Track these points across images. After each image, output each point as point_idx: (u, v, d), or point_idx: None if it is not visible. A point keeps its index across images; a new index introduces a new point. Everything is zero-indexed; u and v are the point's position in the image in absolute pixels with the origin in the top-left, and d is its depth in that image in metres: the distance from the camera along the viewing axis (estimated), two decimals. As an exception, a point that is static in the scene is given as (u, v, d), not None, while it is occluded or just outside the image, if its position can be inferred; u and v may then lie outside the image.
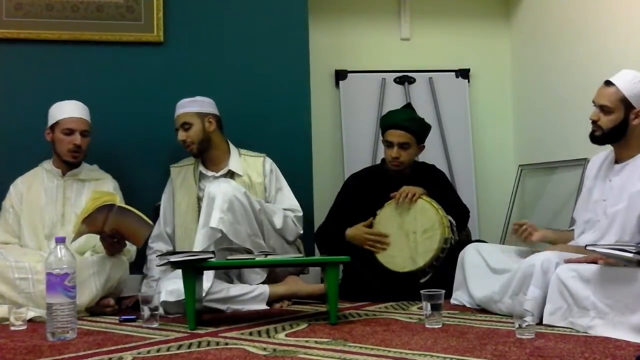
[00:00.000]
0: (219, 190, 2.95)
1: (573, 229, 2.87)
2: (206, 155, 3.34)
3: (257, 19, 3.77)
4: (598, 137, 2.70)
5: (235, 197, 2.96)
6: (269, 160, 3.39)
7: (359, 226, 3.27)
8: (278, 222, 3.18)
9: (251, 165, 3.35)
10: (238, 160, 3.35)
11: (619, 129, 2.63)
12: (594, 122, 2.68)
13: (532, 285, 2.47)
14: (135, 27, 3.61)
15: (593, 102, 2.71)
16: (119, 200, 2.95)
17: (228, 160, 3.34)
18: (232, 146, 3.40)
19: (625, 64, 3.24)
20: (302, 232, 3.33)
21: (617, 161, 2.71)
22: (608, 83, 2.67)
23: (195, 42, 3.70)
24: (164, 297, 2.81)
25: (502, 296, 2.65)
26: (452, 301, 2.98)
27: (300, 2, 3.80)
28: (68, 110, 3.20)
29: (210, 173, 3.33)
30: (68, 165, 3.23)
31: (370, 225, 3.27)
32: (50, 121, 3.21)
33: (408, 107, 3.61)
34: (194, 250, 2.90)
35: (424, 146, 3.46)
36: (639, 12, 3.20)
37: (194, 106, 3.30)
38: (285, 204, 3.32)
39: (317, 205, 3.78)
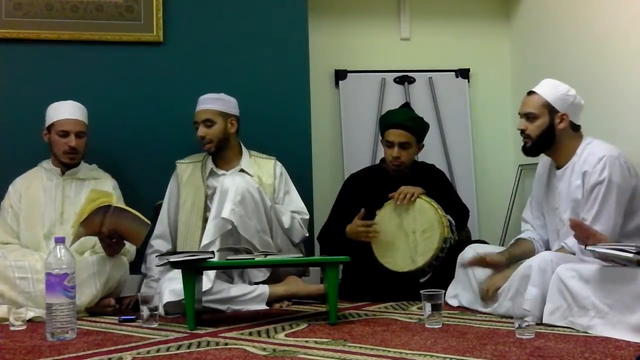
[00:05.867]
0: (232, 183, 2.98)
1: (525, 239, 2.91)
2: (220, 154, 3.33)
3: (257, 19, 3.77)
4: (529, 148, 2.79)
5: (247, 191, 2.98)
6: (279, 164, 3.40)
7: (354, 221, 3.25)
8: (286, 222, 3.19)
9: (262, 167, 3.35)
10: (249, 161, 3.36)
11: (547, 135, 2.72)
12: (522, 132, 2.77)
13: (530, 285, 2.48)
14: (134, 27, 3.61)
15: (519, 113, 2.80)
16: (115, 201, 2.94)
17: (240, 161, 3.35)
18: (243, 147, 3.40)
19: (625, 64, 3.25)
20: (307, 234, 3.34)
21: (557, 167, 2.79)
22: (530, 93, 2.78)
23: (194, 42, 3.70)
24: (167, 298, 2.80)
25: (501, 299, 2.65)
26: (451, 301, 2.96)
27: (300, 2, 3.80)
28: (63, 112, 3.19)
29: (220, 171, 3.32)
30: (66, 165, 3.22)
31: (364, 218, 3.25)
32: (47, 122, 3.21)
33: (406, 106, 3.61)
34: (203, 240, 2.93)
35: (423, 145, 3.47)
36: (639, 12, 3.20)
37: (220, 105, 3.28)
38: (292, 207, 3.33)
39: (317, 205, 3.78)
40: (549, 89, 2.74)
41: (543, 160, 2.93)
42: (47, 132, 3.21)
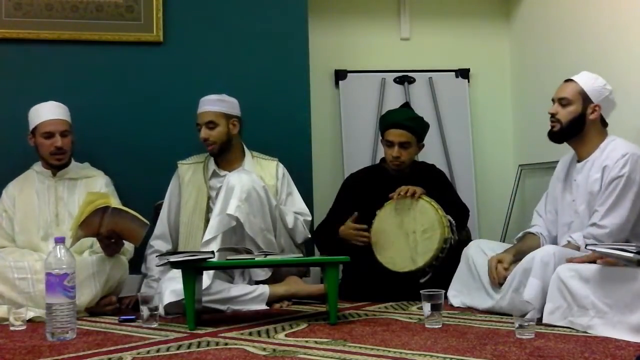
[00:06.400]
0: (238, 180, 2.98)
1: (532, 234, 2.92)
2: (223, 155, 3.33)
3: (257, 19, 3.76)
4: (557, 132, 2.79)
5: (253, 189, 2.98)
6: (281, 165, 3.40)
7: (347, 223, 3.28)
8: (290, 222, 3.20)
9: (264, 168, 3.35)
10: (251, 162, 3.36)
11: (577, 123, 2.73)
12: (553, 116, 2.77)
13: (531, 277, 2.48)
14: (134, 27, 3.61)
15: (552, 99, 2.81)
16: (113, 201, 2.94)
17: (242, 162, 3.34)
18: (246, 148, 3.40)
19: (626, 63, 3.25)
20: (310, 236, 3.34)
21: (578, 160, 2.80)
22: (568, 80, 2.79)
23: (195, 42, 3.70)
24: (168, 298, 2.80)
25: (504, 291, 2.65)
26: (453, 300, 2.96)
27: (300, 2, 3.80)
28: (45, 113, 3.17)
29: (223, 172, 3.31)
30: (56, 166, 3.22)
31: (357, 221, 3.26)
32: (30, 126, 3.19)
33: (406, 106, 3.61)
34: (206, 236, 2.93)
35: (423, 145, 3.47)
36: (639, 12, 3.20)
37: (222, 106, 3.27)
38: (294, 208, 3.33)
39: (317, 205, 3.78)
40: (587, 79, 2.75)
41: (564, 158, 2.95)
42: (32, 136, 3.20)
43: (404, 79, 4.38)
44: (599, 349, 2.01)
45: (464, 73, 4.45)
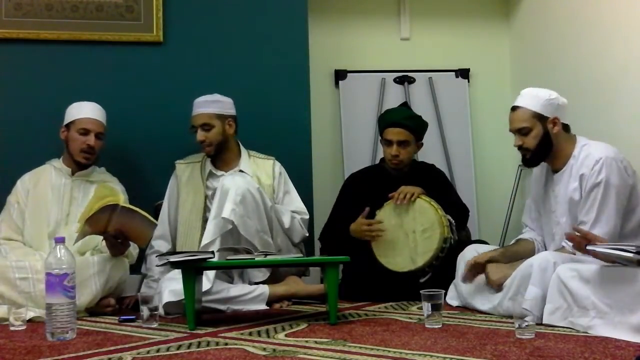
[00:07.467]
0: (233, 183, 2.98)
1: (525, 239, 2.93)
2: (219, 155, 3.33)
3: (257, 19, 3.77)
4: (530, 159, 2.79)
5: (248, 191, 2.98)
6: (278, 164, 3.40)
7: (358, 219, 3.25)
8: (286, 222, 3.19)
9: (260, 167, 3.35)
10: (248, 161, 3.36)
11: (545, 143, 2.73)
12: (520, 147, 2.77)
13: (530, 285, 2.48)
14: (134, 27, 3.61)
15: (510, 131, 2.81)
16: (122, 200, 2.94)
17: (239, 161, 3.34)
18: (242, 147, 3.40)
19: (626, 63, 3.25)
20: (307, 234, 3.34)
21: (555, 170, 2.79)
22: (514, 108, 2.78)
23: (194, 42, 3.70)
24: (166, 298, 2.81)
25: (501, 298, 2.65)
26: (452, 302, 2.96)
27: (300, 2, 3.80)
28: (86, 111, 3.21)
29: (220, 172, 3.32)
30: (79, 165, 3.22)
31: (368, 216, 3.25)
32: (67, 119, 3.21)
33: (404, 105, 3.61)
34: (203, 240, 2.93)
35: (422, 144, 3.47)
36: (638, 12, 3.20)
37: (216, 107, 3.26)
38: (292, 207, 3.32)
39: (317, 205, 3.78)
40: (532, 99, 2.74)
41: (537, 167, 2.94)
42: (65, 129, 3.21)
43: (404, 79, 4.38)
44: (599, 349, 2.01)
45: (464, 73, 4.45)
